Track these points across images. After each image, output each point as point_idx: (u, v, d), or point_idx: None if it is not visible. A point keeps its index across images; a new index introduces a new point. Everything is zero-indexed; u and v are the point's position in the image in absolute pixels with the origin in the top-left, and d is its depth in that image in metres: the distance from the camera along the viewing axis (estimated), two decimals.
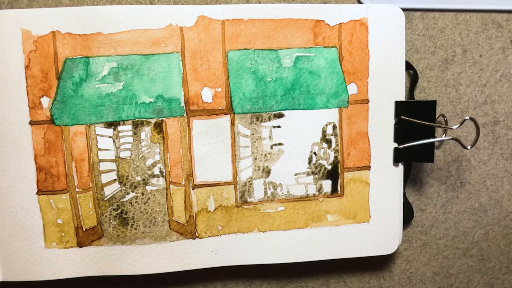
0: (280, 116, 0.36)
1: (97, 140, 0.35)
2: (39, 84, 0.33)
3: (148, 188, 0.35)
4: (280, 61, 0.36)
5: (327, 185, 0.38)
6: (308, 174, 0.37)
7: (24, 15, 0.33)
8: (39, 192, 0.34)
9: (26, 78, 0.33)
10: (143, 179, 0.35)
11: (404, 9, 0.37)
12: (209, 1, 0.37)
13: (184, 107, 0.35)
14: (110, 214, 0.35)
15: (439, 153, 0.41)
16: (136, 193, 0.35)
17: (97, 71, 0.34)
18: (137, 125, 0.35)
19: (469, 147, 0.37)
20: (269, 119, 0.36)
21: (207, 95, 0.35)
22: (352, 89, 0.37)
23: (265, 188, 0.37)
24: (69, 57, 0.33)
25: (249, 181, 0.37)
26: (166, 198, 0.36)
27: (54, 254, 0.35)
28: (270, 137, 0.36)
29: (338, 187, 0.38)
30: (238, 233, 0.37)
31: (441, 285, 0.44)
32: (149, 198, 0.36)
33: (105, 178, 0.35)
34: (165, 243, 0.36)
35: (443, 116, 0.39)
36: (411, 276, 0.43)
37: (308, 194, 0.37)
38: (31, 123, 0.34)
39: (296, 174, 0.37)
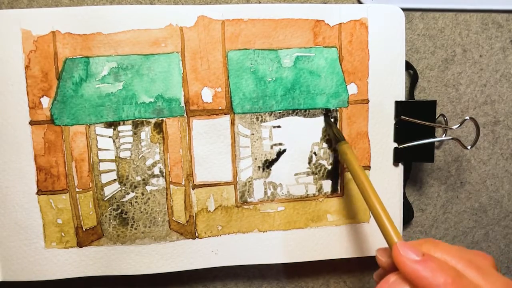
0: (280, 116, 0.36)
1: (97, 140, 0.35)
2: (39, 84, 0.33)
3: (148, 188, 0.35)
4: (280, 61, 0.36)
5: (327, 185, 0.38)
6: (308, 174, 0.37)
7: (24, 15, 0.33)
8: (39, 192, 0.34)
9: (26, 78, 0.33)
10: (143, 179, 0.35)
11: (404, 9, 0.37)
12: (209, 1, 0.37)
13: (184, 107, 0.35)
14: (110, 214, 0.35)
15: (439, 153, 0.41)
16: (136, 193, 0.35)
17: (97, 71, 0.34)
18: (137, 125, 0.35)
19: (469, 147, 0.37)
20: (269, 119, 0.36)
21: (207, 95, 0.35)
22: (352, 89, 0.37)
23: (265, 188, 0.37)
24: (69, 57, 0.33)
25: (249, 181, 0.37)
26: (166, 198, 0.36)
27: (54, 254, 0.35)
28: (270, 137, 0.36)
29: (338, 187, 0.38)
30: (238, 233, 0.37)
31: None
32: (149, 198, 0.36)
33: (105, 178, 0.35)
34: (165, 243, 0.36)
35: (443, 116, 0.39)
36: None
37: (308, 194, 0.37)
38: (31, 123, 0.34)
39: (296, 174, 0.37)
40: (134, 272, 0.36)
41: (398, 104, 0.37)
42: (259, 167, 0.37)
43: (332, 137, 0.36)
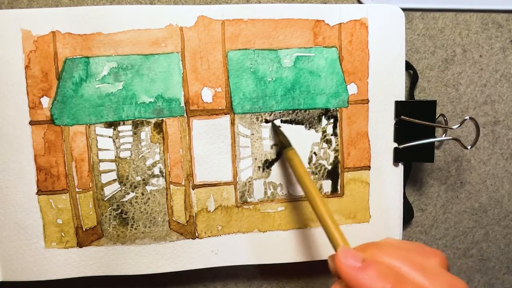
0: (280, 116, 0.36)
1: (97, 140, 0.35)
2: (39, 84, 0.33)
3: (148, 188, 0.35)
4: (280, 61, 0.36)
5: (327, 185, 0.38)
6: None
7: (24, 15, 0.33)
8: (39, 192, 0.34)
9: (26, 78, 0.33)
10: (143, 179, 0.35)
11: (404, 9, 0.37)
12: (209, 1, 0.37)
13: (184, 107, 0.35)
14: (110, 214, 0.35)
15: (439, 153, 0.41)
16: (136, 193, 0.35)
17: (97, 71, 0.34)
18: (137, 125, 0.35)
19: (469, 147, 0.37)
20: (269, 119, 0.36)
21: (207, 95, 0.35)
22: (352, 89, 0.37)
23: (265, 188, 0.37)
24: (69, 57, 0.33)
25: (249, 181, 0.37)
26: (166, 198, 0.36)
27: (54, 254, 0.35)
28: (270, 137, 0.36)
29: (338, 187, 0.38)
30: (238, 233, 0.37)
31: None
32: (149, 198, 0.36)
33: (105, 178, 0.35)
34: (165, 243, 0.36)
35: (443, 116, 0.39)
36: None
37: None
38: (31, 123, 0.34)
39: None
40: (134, 272, 0.36)
41: (398, 104, 0.37)
42: (259, 167, 0.37)
43: (278, 143, 0.36)
